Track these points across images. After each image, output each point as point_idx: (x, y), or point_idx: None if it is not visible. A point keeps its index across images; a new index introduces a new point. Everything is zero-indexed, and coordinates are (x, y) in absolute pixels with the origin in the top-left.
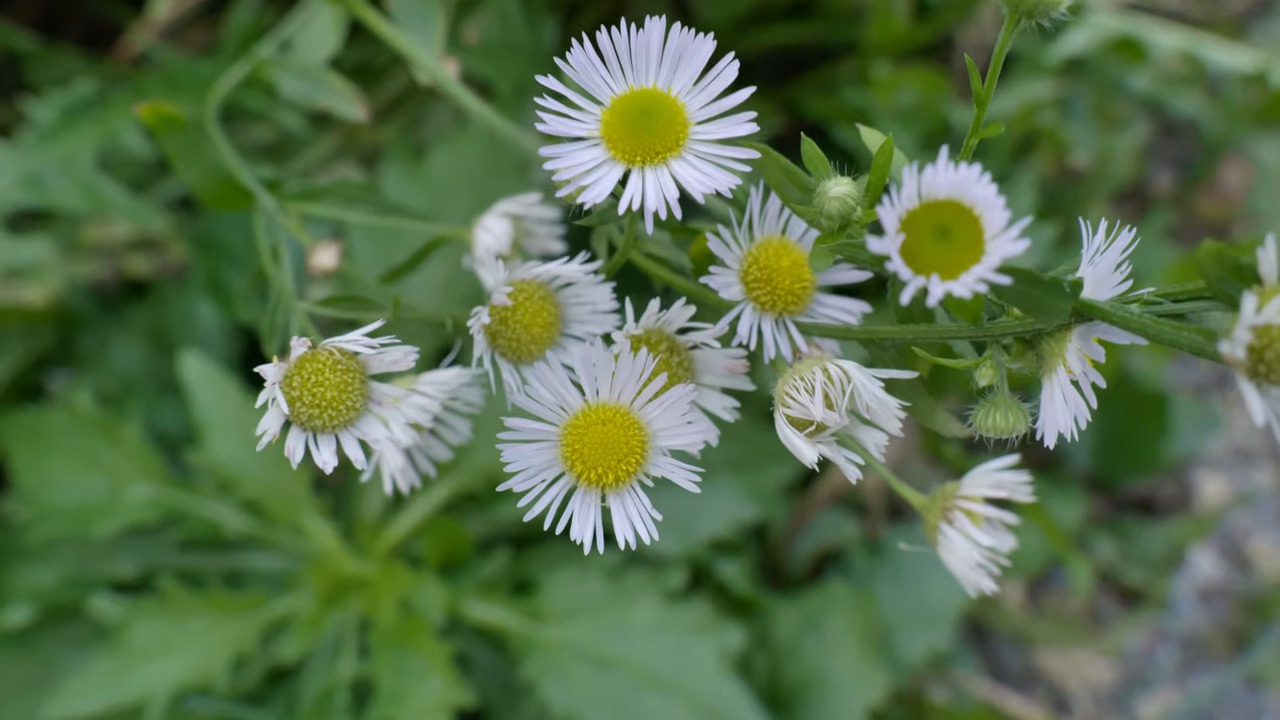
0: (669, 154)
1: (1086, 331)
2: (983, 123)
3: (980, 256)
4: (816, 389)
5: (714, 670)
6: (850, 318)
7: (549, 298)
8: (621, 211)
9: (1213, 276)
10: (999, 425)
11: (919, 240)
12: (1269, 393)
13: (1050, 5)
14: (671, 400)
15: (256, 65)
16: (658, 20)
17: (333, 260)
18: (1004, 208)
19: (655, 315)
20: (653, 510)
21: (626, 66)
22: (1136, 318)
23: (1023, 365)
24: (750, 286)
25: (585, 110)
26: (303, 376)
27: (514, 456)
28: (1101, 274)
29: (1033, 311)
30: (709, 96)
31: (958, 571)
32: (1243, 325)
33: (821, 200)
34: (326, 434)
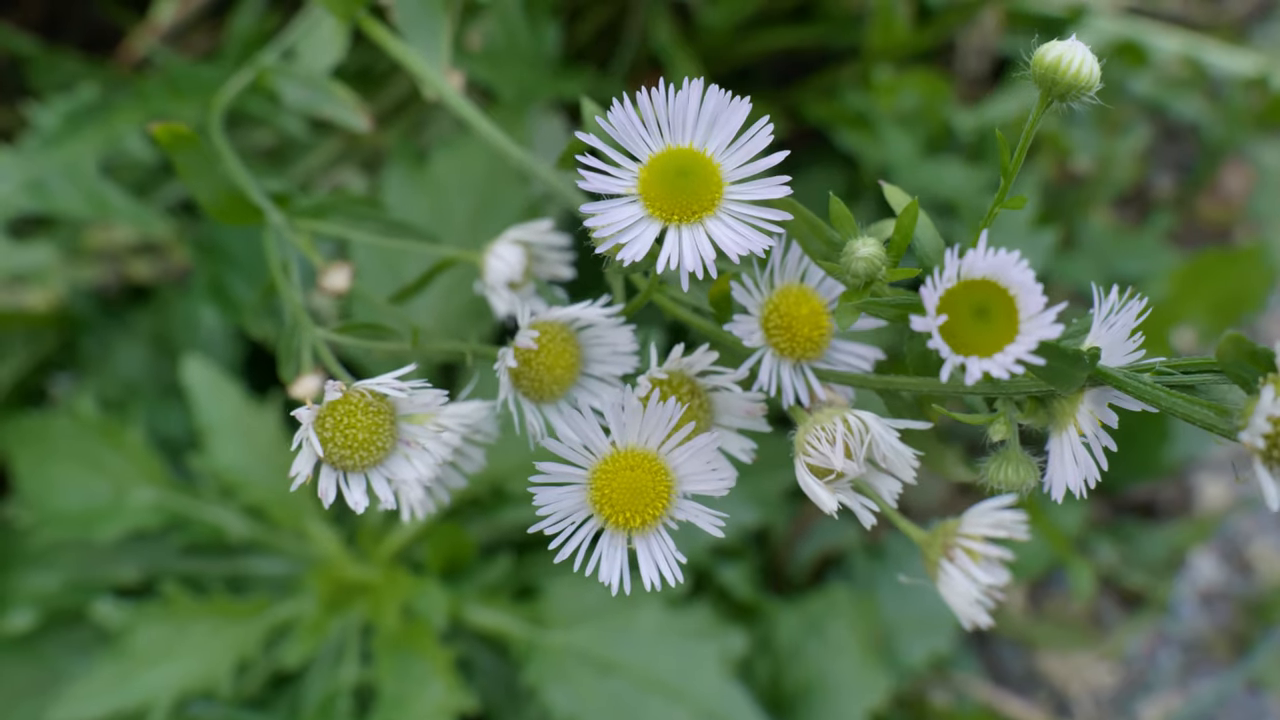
0: (705, 213)
1: (1099, 395)
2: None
3: (1015, 336)
4: (838, 439)
5: (716, 675)
6: (864, 364)
7: (570, 339)
8: (660, 270)
9: (1230, 362)
10: (1010, 480)
11: (957, 318)
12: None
13: (1083, 90)
14: (698, 448)
15: (260, 73)
16: (696, 82)
17: (344, 282)
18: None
19: (678, 359)
20: (677, 553)
21: (664, 126)
22: (1150, 389)
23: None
24: (770, 333)
25: (624, 168)
26: (335, 419)
27: (545, 499)
28: (1115, 340)
29: (1053, 381)
30: (744, 158)
31: (956, 607)
32: (1260, 414)
33: (849, 260)
34: (357, 474)
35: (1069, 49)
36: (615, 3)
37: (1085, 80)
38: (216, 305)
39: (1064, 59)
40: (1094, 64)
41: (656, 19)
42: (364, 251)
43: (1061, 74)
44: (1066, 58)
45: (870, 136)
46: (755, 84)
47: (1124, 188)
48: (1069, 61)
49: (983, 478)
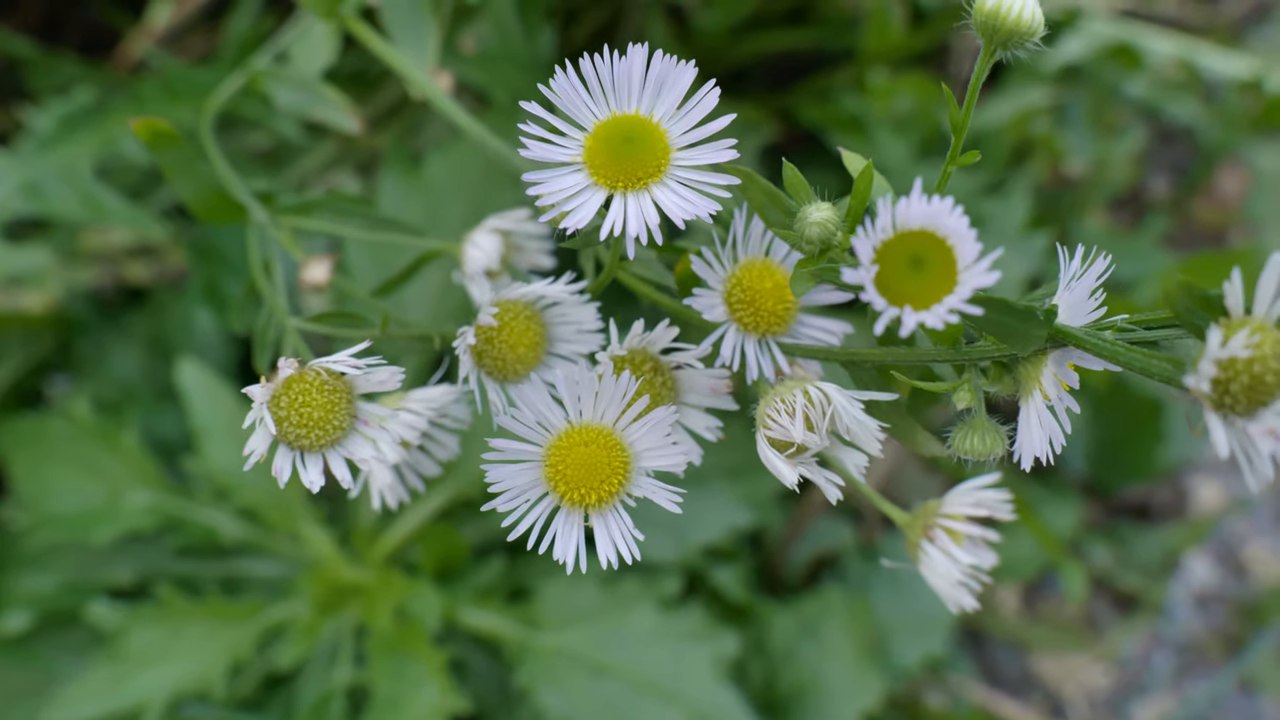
0: (651, 180)
1: (1062, 357)
2: (980, 131)
3: (953, 287)
4: (797, 411)
5: (709, 677)
6: (832, 338)
7: (535, 317)
8: (604, 237)
9: (1181, 308)
10: (976, 448)
11: (893, 270)
12: (1234, 424)
13: (1025, 35)
14: (654, 422)
15: (252, 77)
16: (640, 47)
17: (324, 275)
18: (976, 239)
19: (639, 336)
20: (635, 530)
21: (609, 93)
22: (1109, 345)
23: (1000, 388)
24: (734, 308)
25: (569, 136)
26: (290, 397)
27: (498, 477)
28: (1077, 299)
29: (1007, 339)
30: (690, 123)
31: (939, 589)
32: (1208, 359)
33: (802, 225)
34: (314, 453)
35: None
36: (610, 5)
37: (1027, 25)
38: (211, 308)
39: (1004, 4)
40: (1035, 8)
41: (652, 22)
42: (357, 250)
43: (1002, 20)
44: (1006, 3)
45: (864, 140)
46: (750, 87)
47: (1119, 190)
48: (1009, 6)
49: (949, 447)
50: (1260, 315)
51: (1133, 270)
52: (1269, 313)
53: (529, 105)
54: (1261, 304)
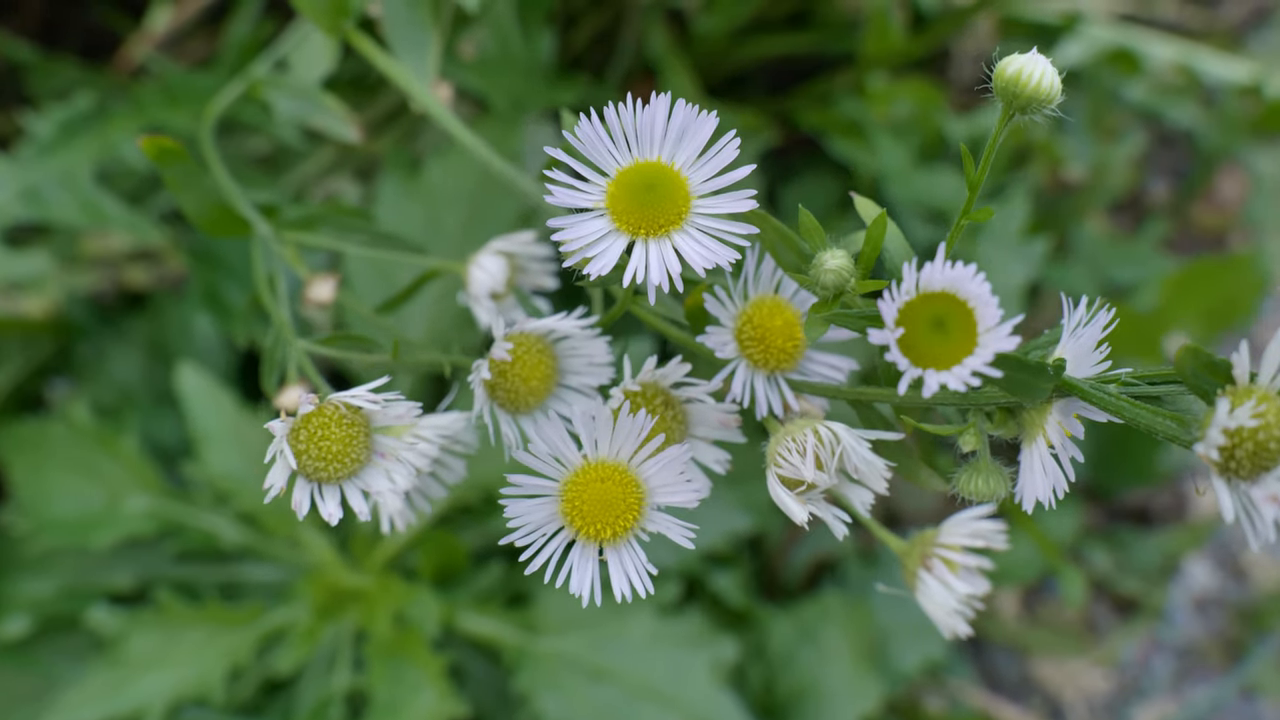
0: (671, 227)
1: (1067, 406)
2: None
3: (973, 349)
4: (808, 450)
5: (708, 682)
6: (839, 375)
7: (546, 350)
8: (625, 284)
9: (1189, 373)
10: (981, 490)
11: (915, 331)
12: (1238, 487)
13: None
14: (669, 459)
15: (251, 85)
16: (663, 97)
17: (330, 293)
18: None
19: (651, 371)
20: (648, 564)
21: (632, 140)
22: (1114, 400)
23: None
24: (744, 345)
25: (591, 182)
26: (309, 430)
27: (516, 512)
28: (1082, 350)
29: (1016, 393)
30: (711, 172)
31: (934, 616)
32: (1216, 427)
33: (818, 272)
34: (331, 485)
35: (1029, 62)
36: (610, 10)
37: (1046, 93)
38: (211, 313)
39: (1024, 72)
40: (1054, 77)
41: (651, 26)
42: (359, 263)
43: (1022, 87)
44: (1027, 71)
45: (864, 145)
46: (749, 91)
47: (1119, 194)
48: (1029, 75)
49: (954, 488)
50: (1264, 384)
51: (1132, 275)
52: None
53: (554, 151)
54: (1266, 373)
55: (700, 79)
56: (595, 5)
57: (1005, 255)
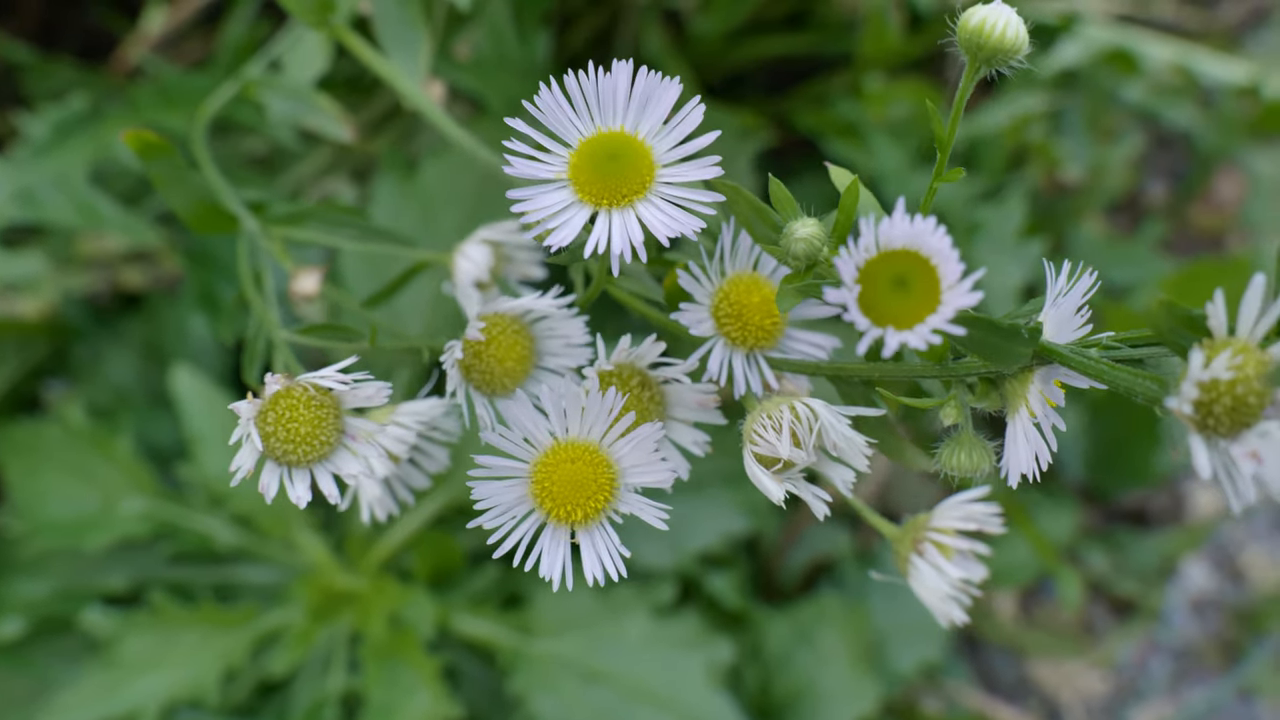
0: (635, 197)
1: (1048, 374)
2: (977, 137)
3: (936, 307)
4: (784, 427)
5: (703, 684)
6: (820, 353)
7: (523, 331)
8: (588, 254)
9: (1164, 328)
10: (963, 464)
11: (877, 290)
12: (1217, 445)
13: (1009, 53)
14: (641, 438)
15: (245, 85)
16: (624, 64)
17: (314, 286)
18: (959, 259)
19: (626, 350)
20: (621, 547)
21: (594, 109)
22: (1094, 363)
23: (987, 404)
24: (721, 322)
25: (553, 153)
26: (277, 412)
27: (484, 493)
28: (1064, 316)
29: (991, 357)
30: (675, 139)
31: (928, 602)
32: (1190, 381)
33: (788, 241)
34: (301, 469)
35: (993, 12)
36: (606, 11)
37: (1011, 44)
38: (206, 314)
39: (988, 23)
40: (1019, 26)
41: (648, 27)
42: (353, 261)
43: (986, 37)
44: (990, 20)
45: (860, 146)
46: (746, 92)
47: (1116, 195)
48: (993, 25)
49: (936, 463)
50: (1243, 336)
51: (1129, 276)
52: (1252, 334)
53: (514, 122)
54: (1244, 325)
55: (697, 79)
56: (592, 5)
57: (1002, 256)
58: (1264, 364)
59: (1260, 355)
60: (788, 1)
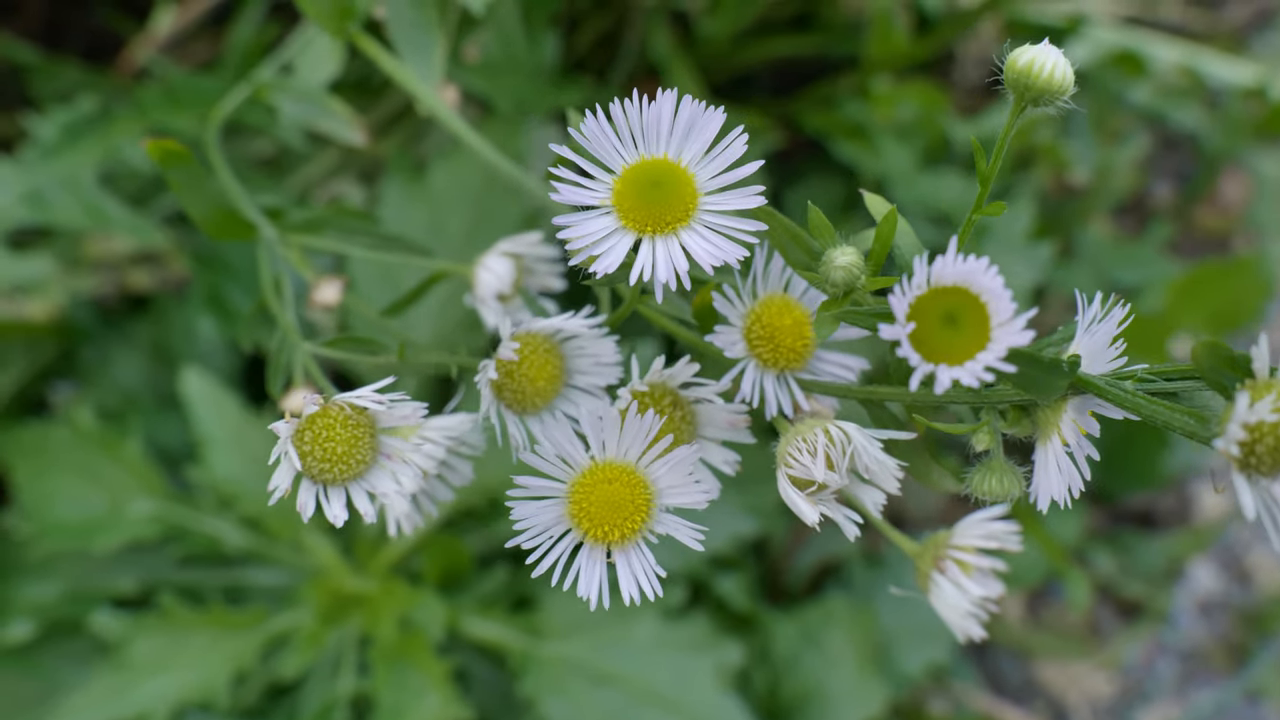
0: (679, 224)
1: (1082, 404)
2: (984, 139)
3: (986, 344)
4: (819, 450)
5: (712, 686)
6: (849, 374)
7: (553, 350)
8: (632, 282)
9: (1207, 368)
10: (994, 490)
11: (927, 326)
12: (1259, 484)
13: (1056, 94)
14: (677, 460)
15: (257, 88)
16: (669, 93)
17: (335, 295)
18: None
19: (659, 371)
20: (657, 567)
21: (638, 137)
22: (1130, 396)
23: (1018, 431)
24: (753, 344)
25: (598, 180)
26: (314, 432)
27: (523, 514)
28: (1097, 347)
29: (1031, 390)
30: (718, 168)
31: (948, 619)
32: (1236, 422)
33: (828, 269)
34: (337, 487)
35: (1041, 53)
36: (614, 12)
37: (1058, 85)
38: (214, 316)
39: (1036, 63)
40: (1066, 68)
41: (655, 28)
42: (363, 265)
43: (1034, 78)
44: (1039, 62)
45: (868, 147)
46: (753, 93)
47: (1123, 197)
48: (1040, 66)
49: (967, 488)
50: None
51: (1136, 277)
52: None
53: (560, 149)
54: None
55: (704, 81)
56: (599, 7)
57: (1011, 258)
58: None
59: None
60: (794, 3)
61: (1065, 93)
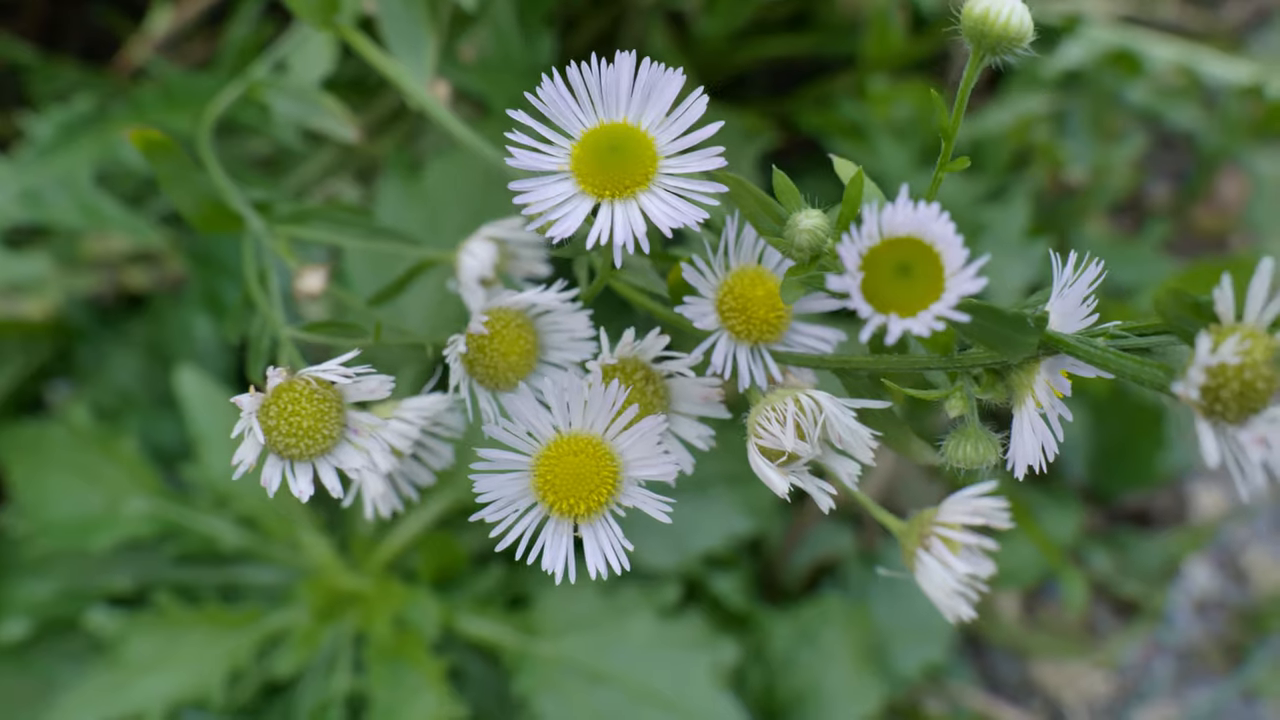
0: (638, 188)
1: (1055, 364)
2: (981, 138)
3: (940, 294)
4: (788, 419)
5: (708, 685)
6: (825, 346)
7: (526, 325)
8: (590, 245)
9: (1171, 315)
10: (969, 456)
11: (880, 277)
12: (1224, 432)
13: (1014, 41)
14: (644, 431)
15: (250, 86)
16: (628, 55)
17: (319, 284)
18: (962, 245)
19: (630, 344)
20: (624, 540)
21: (597, 101)
22: (1100, 352)
23: (993, 396)
24: (725, 315)
25: (556, 145)
26: (280, 406)
27: (486, 487)
28: (1070, 306)
29: (997, 347)
30: (678, 131)
31: (935, 598)
32: (1197, 366)
33: (792, 233)
34: (304, 463)
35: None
36: (610, 12)
37: (1015, 31)
38: (210, 315)
39: (992, 10)
40: (1024, 13)
41: (652, 28)
42: (358, 260)
43: (990, 24)
44: (995, 9)
45: (864, 146)
46: (750, 93)
47: (1120, 196)
48: (997, 12)
49: (942, 455)
50: (1251, 321)
51: (1133, 276)
52: (1260, 319)
53: (516, 114)
54: (1252, 310)
55: (701, 80)
56: (596, 7)
57: (1006, 256)
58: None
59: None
60: (791, 3)
61: (1022, 40)
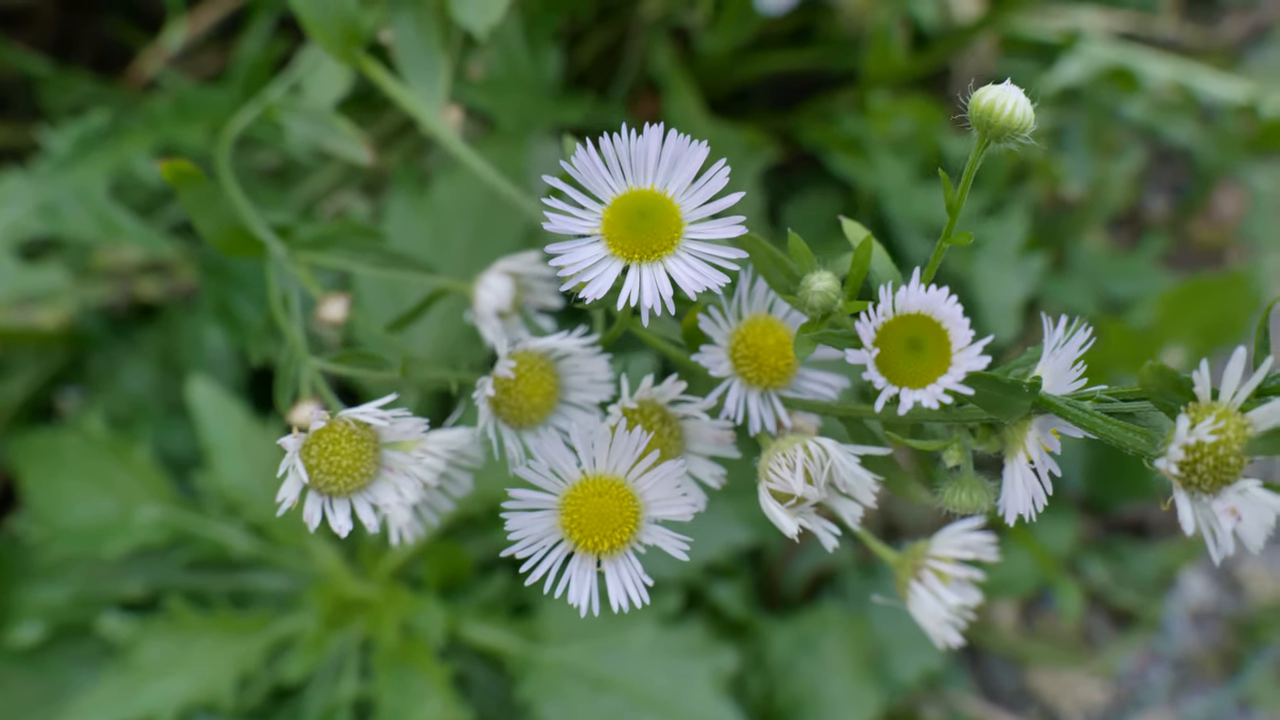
0: (664, 252)
1: (1045, 422)
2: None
3: (947, 368)
4: (798, 465)
5: (708, 691)
6: (830, 391)
7: (549, 368)
8: (620, 306)
9: (1154, 389)
10: (964, 503)
11: (893, 351)
12: (1200, 500)
13: (1016, 131)
14: (664, 474)
15: (267, 108)
16: (655, 128)
17: (341, 312)
18: (968, 326)
19: (649, 389)
20: (644, 576)
21: (626, 169)
22: (1088, 416)
23: (987, 447)
24: (738, 363)
25: (588, 209)
26: (320, 446)
27: (516, 525)
28: (1060, 367)
29: (994, 410)
30: (702, 198)
31: (926, 626)
32: (1177, 443)
33: (805, 294)
34: (342, 499)
35: (1002, 93)
36: (615, 27)
37: (1018, 123)
38: (222, 325)
39: (997, 103)
40: (1026, 107)
41: (656, 44)
42: (368, 281)
43: (995, 117)
44: (1000, 101)
45: (864, 162)
46: (752, 107)
47: (1117, 210)
48: (1002, 105)
49: (939, 502)
50: (1225, 401)
51: (1130, 290)
52: (1233, 399)
53: (552, 180)
54: (1227, 390)
55: (703, 95)
56: (601, 23)
57: (1004, 271)
58: (1244, 427)
59: (1240, 419)
60: (793, 19)
61: (1025, 130)
